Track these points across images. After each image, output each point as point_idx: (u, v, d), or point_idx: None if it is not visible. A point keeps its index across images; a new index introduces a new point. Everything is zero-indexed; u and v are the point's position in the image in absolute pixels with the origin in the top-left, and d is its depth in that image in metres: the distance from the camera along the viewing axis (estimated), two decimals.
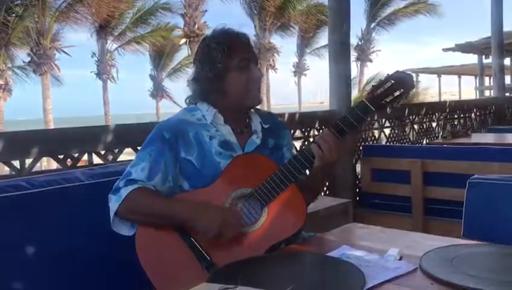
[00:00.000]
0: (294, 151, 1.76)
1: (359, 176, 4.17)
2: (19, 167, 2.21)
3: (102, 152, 2.49)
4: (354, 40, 23.07)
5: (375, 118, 4.64)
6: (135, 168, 1.51)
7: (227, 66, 1.55)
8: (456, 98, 23.60)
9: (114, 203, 1.46)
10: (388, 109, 1.48)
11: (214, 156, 1.53)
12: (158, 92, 26.35)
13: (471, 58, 17.17)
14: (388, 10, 24.00)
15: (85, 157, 2.46)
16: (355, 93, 16.17)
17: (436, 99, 24.22)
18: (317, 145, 1.45)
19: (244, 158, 1.55)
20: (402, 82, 1.44)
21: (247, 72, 1.58)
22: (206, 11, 20.05)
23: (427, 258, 1.25)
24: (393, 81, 1.44)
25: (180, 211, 1.44)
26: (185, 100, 1.67)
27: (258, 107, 1.69)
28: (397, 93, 1.44)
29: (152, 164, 1.51)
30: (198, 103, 1.62)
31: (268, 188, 1.45)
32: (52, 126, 16.98)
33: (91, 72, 22.88)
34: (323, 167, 1.48)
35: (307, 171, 1.57)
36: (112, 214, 1.47)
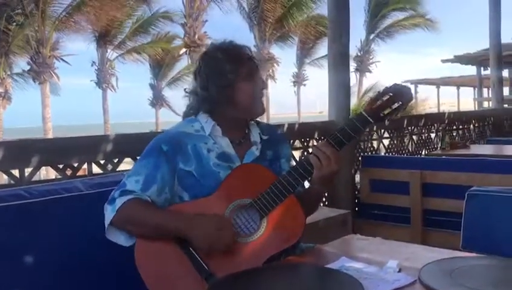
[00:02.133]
0: (293, 163, 1.76)
1: (358, 187, 4.17)
2: (18, 176, 2.22)
3: (102, 162, 2.49)
4: (353, 51, 23.20)
5: (374, 128, 4.65)
6: (130, 180, 1.52)
7: (235, 77, 1.57)
8: (455, 109, 23.67)
9: (109, 213, 1.47)
10: (386, 121, 1.50)
11: (212, 167, 1.54)
12: (158, 100, 26.38)
13: (470, 69, 17.28)
14: (387, 22, 24.16)
15: (84, 166, 2.46)
16: (353, 102, 16.20)
17: (435, 110, 24.30)
18: (315, 156, 1.46)
19: (243, 169, 1.55)
20: (400, 95, 1.45)
21: (254, 82, 1.60)
22: (206, 21, 20.21)
23: (426, 270, 1.25)
24: (391, 94, 1.45)
25: (173, 223, 1.44)
26: (183, 113, 1.67)
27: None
28: (395, 105, 1.46)
29: (148, 176, 1.51)
30: (199, 115, 1.62)
31: (267, 199, 1.45)
32: (51, 134, 17.00)
33: (91, 80, 22.94)
34: (322, 177, 1.48)
35: (306, 182, 1.57)
36: (106, 223, 1.48)
